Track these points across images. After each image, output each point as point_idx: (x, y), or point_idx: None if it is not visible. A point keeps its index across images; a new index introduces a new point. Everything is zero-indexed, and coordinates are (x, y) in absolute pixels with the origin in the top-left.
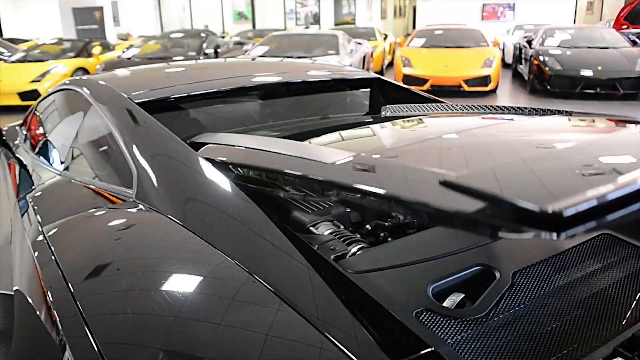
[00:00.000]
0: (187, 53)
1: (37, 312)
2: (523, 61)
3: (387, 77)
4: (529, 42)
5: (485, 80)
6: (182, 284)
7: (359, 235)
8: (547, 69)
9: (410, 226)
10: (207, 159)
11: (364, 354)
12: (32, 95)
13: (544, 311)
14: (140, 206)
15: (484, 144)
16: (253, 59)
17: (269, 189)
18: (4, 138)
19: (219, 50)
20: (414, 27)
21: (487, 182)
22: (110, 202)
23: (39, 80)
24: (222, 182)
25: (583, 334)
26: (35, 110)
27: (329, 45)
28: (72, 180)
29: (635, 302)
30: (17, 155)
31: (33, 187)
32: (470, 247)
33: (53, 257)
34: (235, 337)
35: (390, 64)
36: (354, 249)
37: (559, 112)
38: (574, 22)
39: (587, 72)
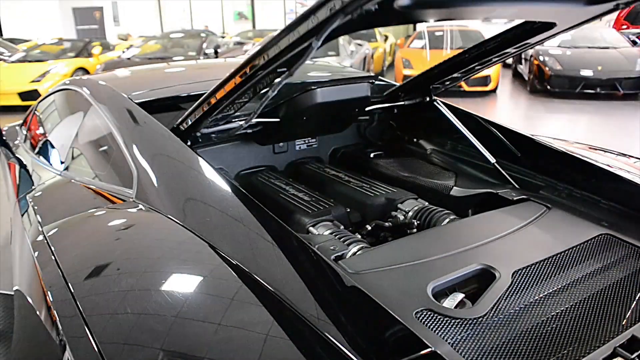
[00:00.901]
0: (187, 53)
1: (37, 312)
2: (523, 61)
3: (388, 79)
4: None
5: (485, 80)
6: (182, 284)
7: (359, 235)
8: (547, 69)
9: (410, 226)
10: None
11: (364, 354)
12: (32, 95)
13: (544, 311)
14: (140, 206)
15: None
16: None
17: (269, 191)
18: (4, 138)
19: (219, 50)
20: (414, 29)
21: None
22: (110, 202)
23: (39, 80)
24: (222, 182)
25: (583, 334)
26: (35, 110)
27: (329, 46)
28: (72, 180)
29: (635, 302)
30: (17, 155)
31: (33, 187)
32: (470, 247)
33: (53, 257)
34: (235, 337)
35: (391, 65)
36: (353, 249)
37: None
38: None
39: (587, 72)
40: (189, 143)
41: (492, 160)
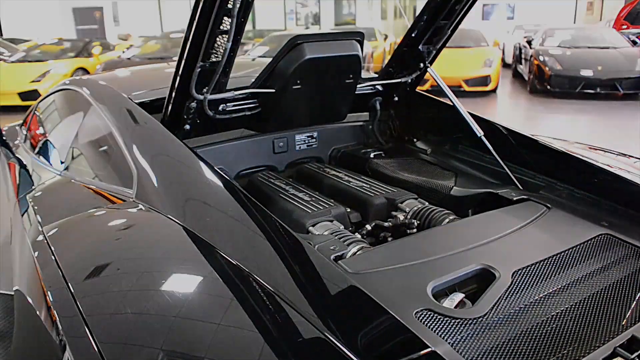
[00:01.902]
0: None
1: (37, 312)
2: (523, 61)
3: None
4: (529, 42)
5: (485, 80)
6: (181, 284)
7: (359, 235)
8: (547, 69)
9: (410, 226)
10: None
11: (364, 354)
12: (32, 95)
13: (544, 311)
14: (140, 206)
15: None
16: (253, 59)
17: (269, 191)
18: (4, 138)
19: None
20: None
21: None
22: (110, 202)
23: (39, 80)
24: (222, 182)
25: (583, 334)
26: (35, 110)
27: None
28: (72, 180)
29: (635, 302)
30: (17, 155)
31: (33, 187)
32: (470, 247)
33: (53, 257)
34: (235, 337)
35: None
36: (353, 249)
37: None
38: (574, 22)
39: (587, 72)
40: (187, 127)
41: (480, 133)
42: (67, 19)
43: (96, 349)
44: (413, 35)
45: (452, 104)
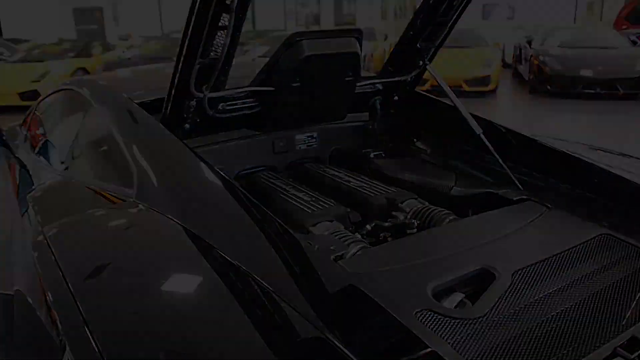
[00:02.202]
0: None
1: (37, 312)
2: (523, 61)
3: None
4: (529, 42)
5: (485, 80)
6: (181, 284)
7: (359, 235)
8: (547, 69)
9: (410, 226)
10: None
11: (364, 353)
12: (32, 95)
13: (544, 311)
14: (140, 206)
15: None
16: (253, 59)
17: (268, 191)
18: (4, 138)
19: None
20: None
21: None
22: (110, 202)
23: (39, 80)
24: (222, 182)
25: (583, 334)
26: (35, 110)
27: None
28: (72, 181)
29: (635, 302)
30: (17, 155)
31: (33, 187)
32: (470, 247)
33: (53, 257)
34: (235, 337)
35: None
36: (353, 249)
37: None
38: (574, 22)
39: (587, 72)
40: (187, 127)
41: (479, 130)
42: (67, 19)
43: (96, 349)
44: (411, 32)
45: (452, 104)
